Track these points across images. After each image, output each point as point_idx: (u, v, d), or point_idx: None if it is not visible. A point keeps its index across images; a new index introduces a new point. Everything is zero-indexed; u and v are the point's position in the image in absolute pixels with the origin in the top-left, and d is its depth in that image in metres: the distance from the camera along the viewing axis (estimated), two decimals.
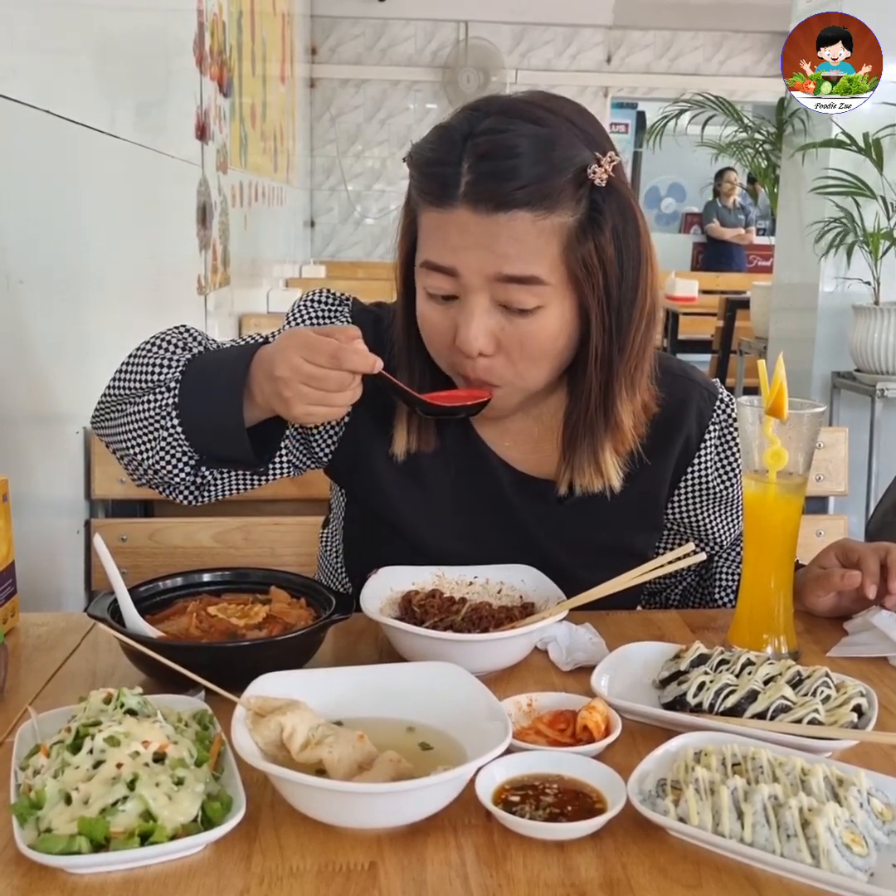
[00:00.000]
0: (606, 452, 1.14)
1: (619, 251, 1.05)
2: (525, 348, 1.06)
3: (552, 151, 1.01)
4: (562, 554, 1.21)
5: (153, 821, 0.73)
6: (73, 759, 0.77)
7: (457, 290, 1.05)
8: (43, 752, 0.80)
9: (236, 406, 1.05)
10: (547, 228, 1.02)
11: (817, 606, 1.18)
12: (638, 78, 8.49)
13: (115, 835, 0.73)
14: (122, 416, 1.12)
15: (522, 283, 1.03)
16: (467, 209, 1.01)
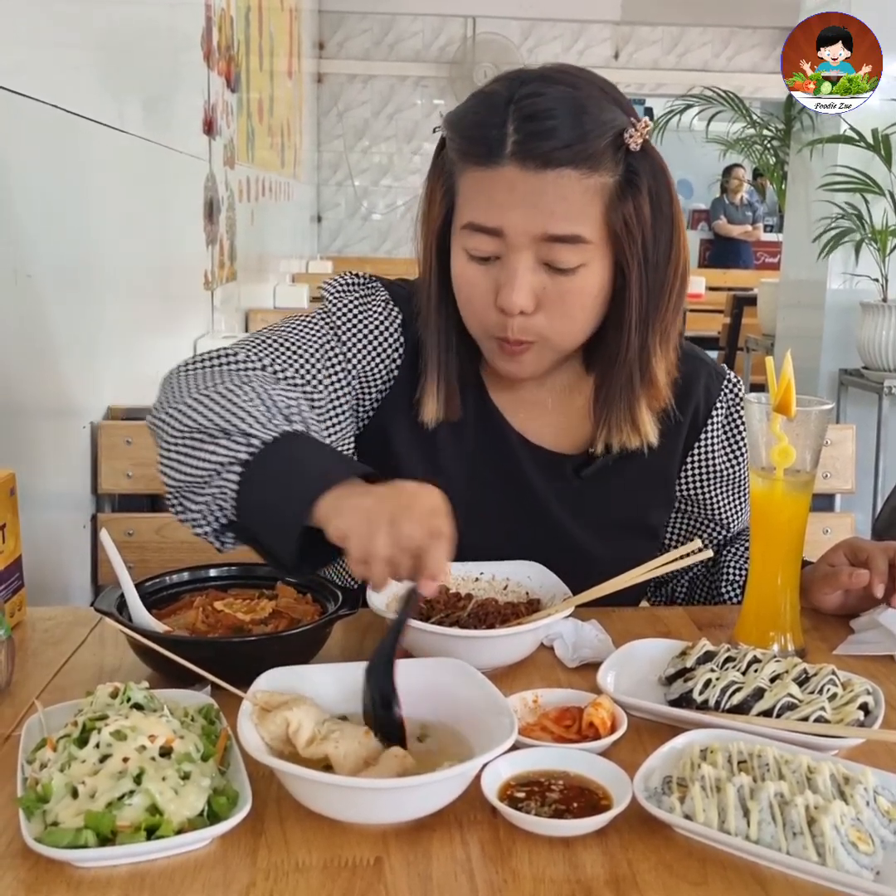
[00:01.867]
0: (643, 409, 1.16)
1: (655, 212, 1.08)
2: (565, 306, 1.08)
3: (592, 113, 1.05)
4: (575, 528, 1.22)
5: (159, 815, 0.74)
6: (79, 753, 0.77)
7: (499, 251, 1.07)
8: (49, 746, 0.80)
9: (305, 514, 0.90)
10: (591, 187, 1.05)
11: (824, 604, 1.18)
12: (646, 74, 8.47)
13: (122, 828, 0.73)
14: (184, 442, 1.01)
15: (567, 241, 1.05)
16: (515, 167, 1.03)
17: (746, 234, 8.92)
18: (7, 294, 1.52)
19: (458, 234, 1.11)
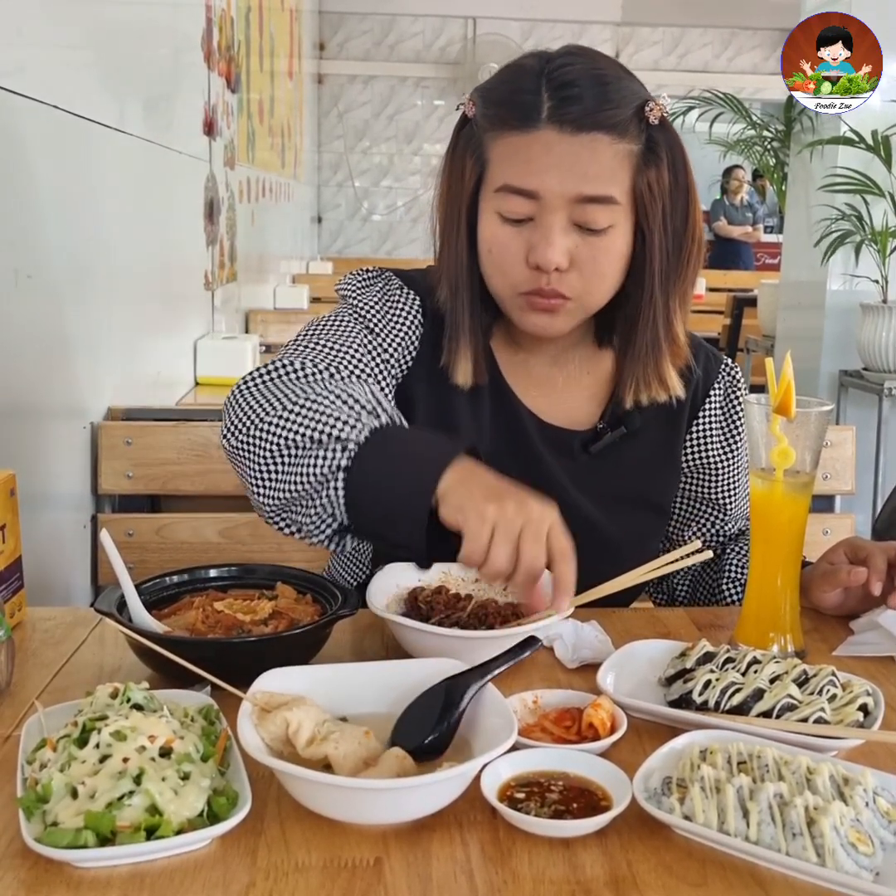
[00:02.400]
0: (668, 364, 1.22)
1: (673, 181, 1.15)
2: (596, 264, 1.14)
3: (617, 84, 1.13)
4: (585, 503, 1.24)
5: (159, 815, 0.74)
6: (79, 754, 0.77)
7: (533, 213, 1.12)
8: (49, 746, 0.80)
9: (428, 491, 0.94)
10: (620, 152, 1.11)
11: (824, 602, 1.18)
12: (646, 75, 8.38)
13: (122, 829, 0.73)
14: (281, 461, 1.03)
15: (599, 202, 1.11)
16: (552, 129, 1.10)
17: (747, 234, 8.92)
18: (7, 295, 1.52)
19: (489, 199, 1.15)
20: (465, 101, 1.18)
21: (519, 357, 1.27)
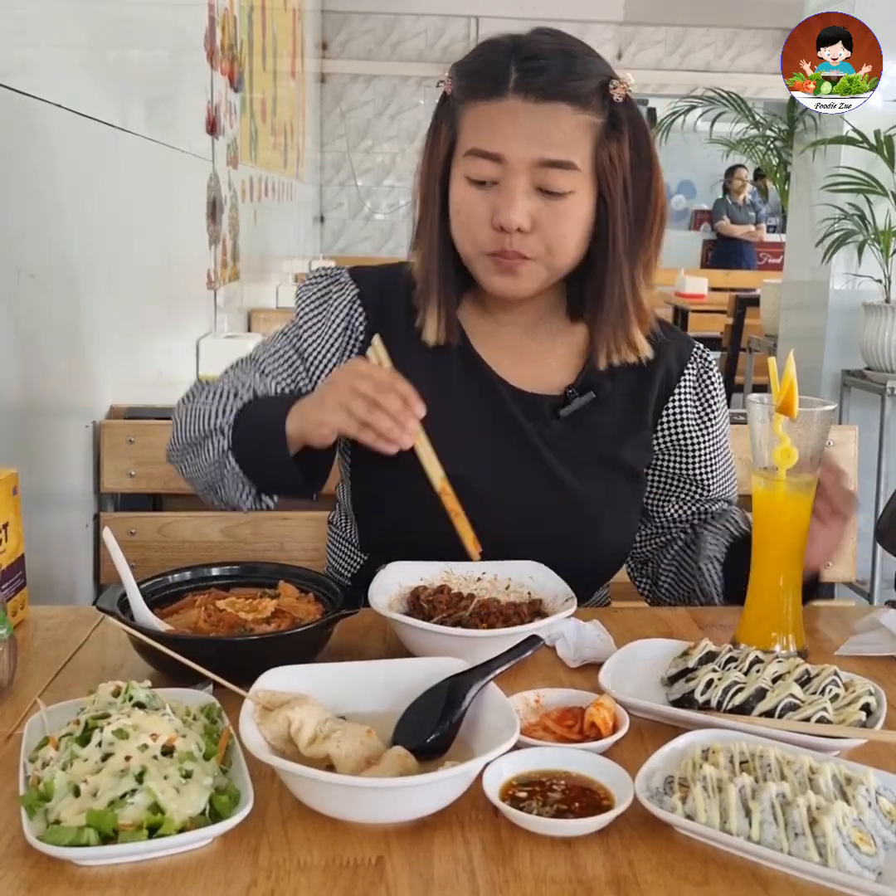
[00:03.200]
0: (636, 328, 1.28)
1: (634, 157, 1.21)
2: (557, 227, 1.19)
3: (582, 60, 1.20)
4: (558, 466, 1.27)
5: (161, 813, 0.74)
6: (81, 752, 0.77)
7: (498, 176, 1.18)
8: (52, 745, 0.80)
9: (282, 444, 1.16)
10: (582, 122, 1.18)
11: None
12: (648, 74, 8.46)
13: (124, 827, 0.73)
14: (191, 461, 1.26)
15: (560, 167, 1.17)
16: (518, 98, 1.16)
17: (749, 234, 8.91)
18: (10, 294, 1.52)
19: (459, 164, 1.21)
20: (444, 78, 1.25)
21: (491, 327, 1.31)
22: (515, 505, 1.25)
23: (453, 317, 1.28)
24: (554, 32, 1.23)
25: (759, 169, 6.72)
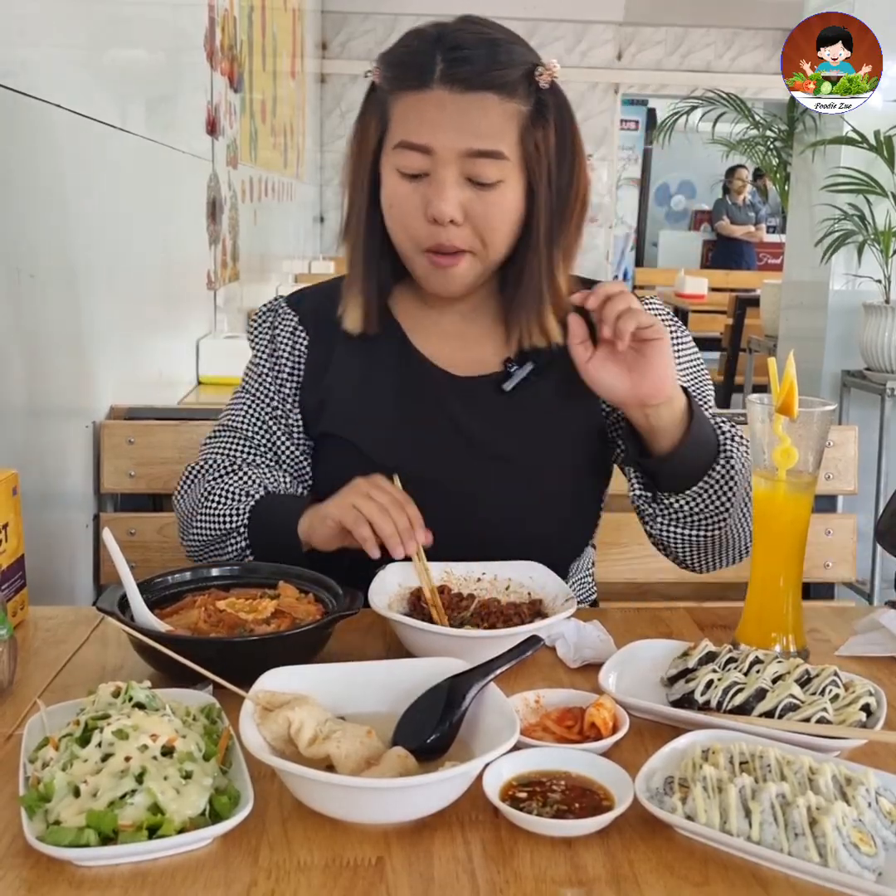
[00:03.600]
0: (549, 314, 1.26)
1: (560, 143, 1.22)
2: (488, 218, 1.19)
3: (507, 49, 1.19)
4: (508, 448, 1.27)
5: (161, 814, 0.74)
6: (81, 752, 0.77)
7: (428, 167, 1.17)
8: (52, 745, 0.80)
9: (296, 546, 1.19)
10: (508, 111, 1.18)
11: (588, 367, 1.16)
12: (648, 75, 8.46)
13: (124, 828, 0.73)
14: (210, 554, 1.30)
15: (489, 156, 1.17)
16: (444, 89, 1.16)
17: (749, 234, 8.92)
18: (10, 294, 1.52)
19: (389, 156, 1.21)
20: (372, 68, 1.24)
21: (431, 319, 1.32)
22: (463, 491, 1.25)
23: (374, 307, 1.28)
24: (480, 21, 1.23)
25: (759, 169, 6.73)
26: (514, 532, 1.25)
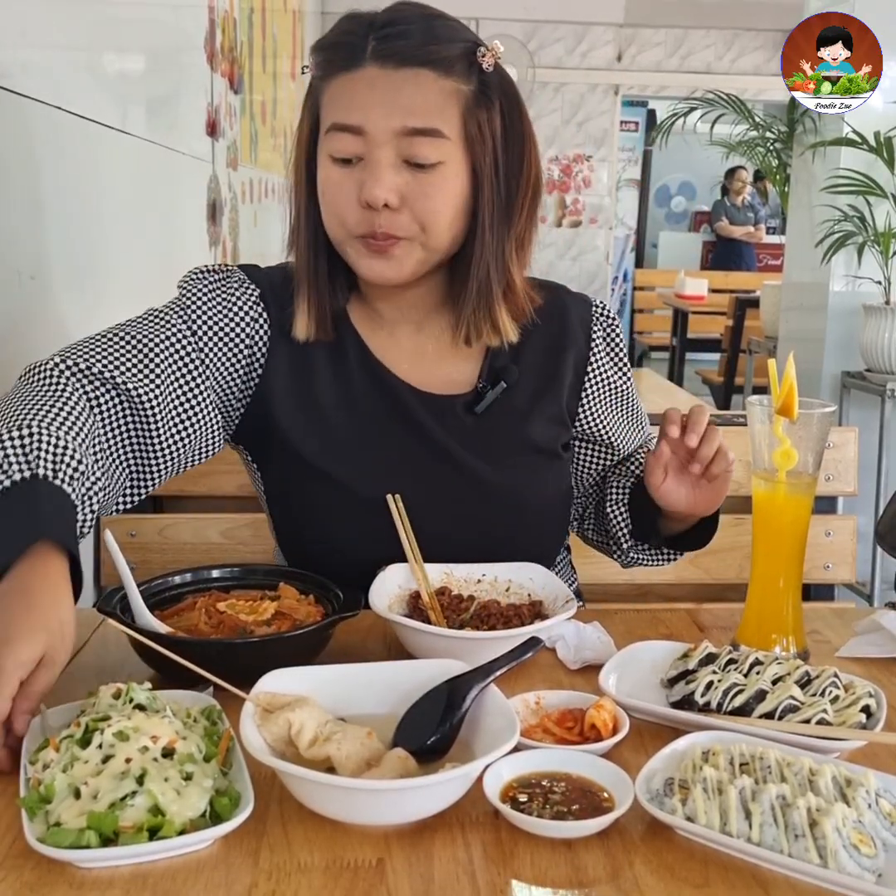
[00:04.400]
0: (503, 311, 1.21)
1: (506, 126, 1.17)
2: (427, 200, 1.13)
3: (444, 25, 1.16)
4: (473, 462, 1.23)
5: (162, 815, 0.74)
6: (82, 754, 0.77)
7: (362, 151, 1.12)
8: (52, 747, 0.80)
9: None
10: (447, 88, 1.13)
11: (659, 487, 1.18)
12: (649, 76, 8.45)
13: (124, 829, 0.73)
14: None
15: (426, 135, 1.11)
16: (375, 66, 1.12)
17: (748, 235, 8.92)
18: (10, 295, 1.52)
19: (323, 142, 1.15)
20: (310, 62, 1.20)
21: (385, 331, 1.26)
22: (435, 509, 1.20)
23: (325, 311, 1.21)
24: (414, 3, 1.18)
25: (759, 170, 6.73)
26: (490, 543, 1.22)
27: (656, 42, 8.45)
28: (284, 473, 1.25)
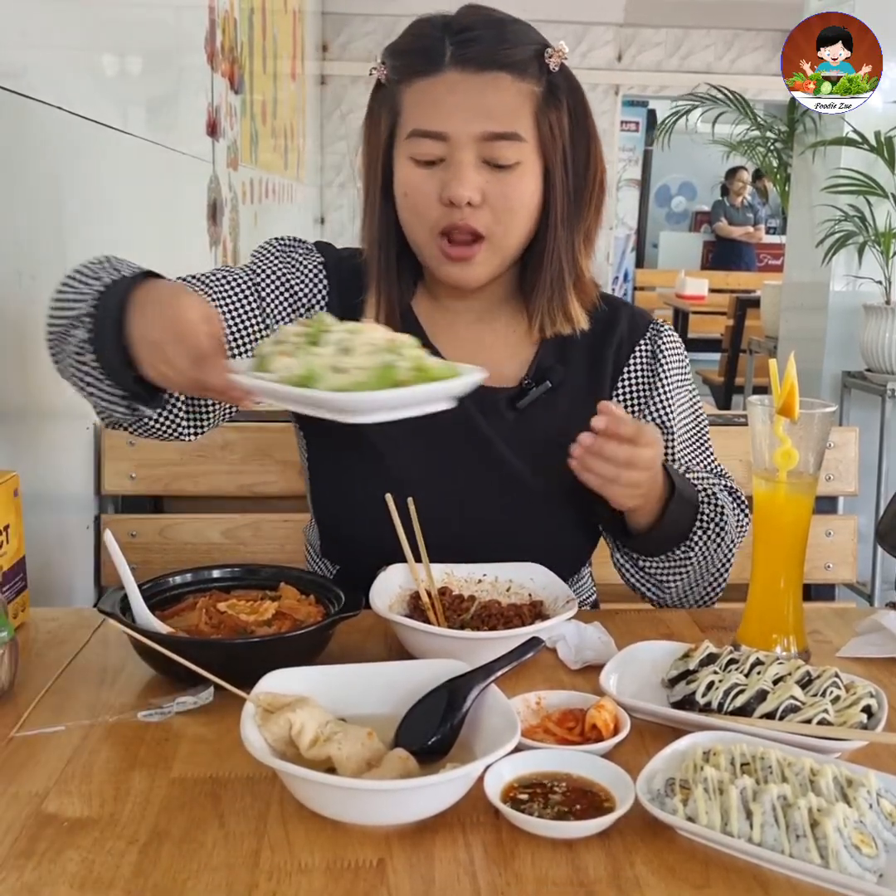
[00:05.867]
0: (573, 299, 1.26)
1: (574, 125, 1.21)
2: (507, 199, 1.17)
3: (515, 29, 1.19)
4: (511, 459, 1.25)
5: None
6: (317, 350, 0.78)
7: (444, 153, 1.16)
8: (280, 356, 0.81)
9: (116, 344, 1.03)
10: (522, 90, 1.16)
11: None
12: (649, 76, 8.45)
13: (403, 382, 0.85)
14: (61, 356, 1.13)
15: (505, 139, 1.15)
16: (455, 70, 1.15)
17: (748, 235, 8.92)
18: (11, 296, 1.52)
19: (402, 146, 1.19)
20: (377, 65, 1.24)
21: (446, 319, 1.29)
22: (470, 502, 1.24)
23: (394, 306, 1.25)
24: (484, 7, 1.21)
25: (759, 170, 6.72)
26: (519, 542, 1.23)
27: (656, 42, 8.46)
28: (326, 444, 1.29)
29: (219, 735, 0.91)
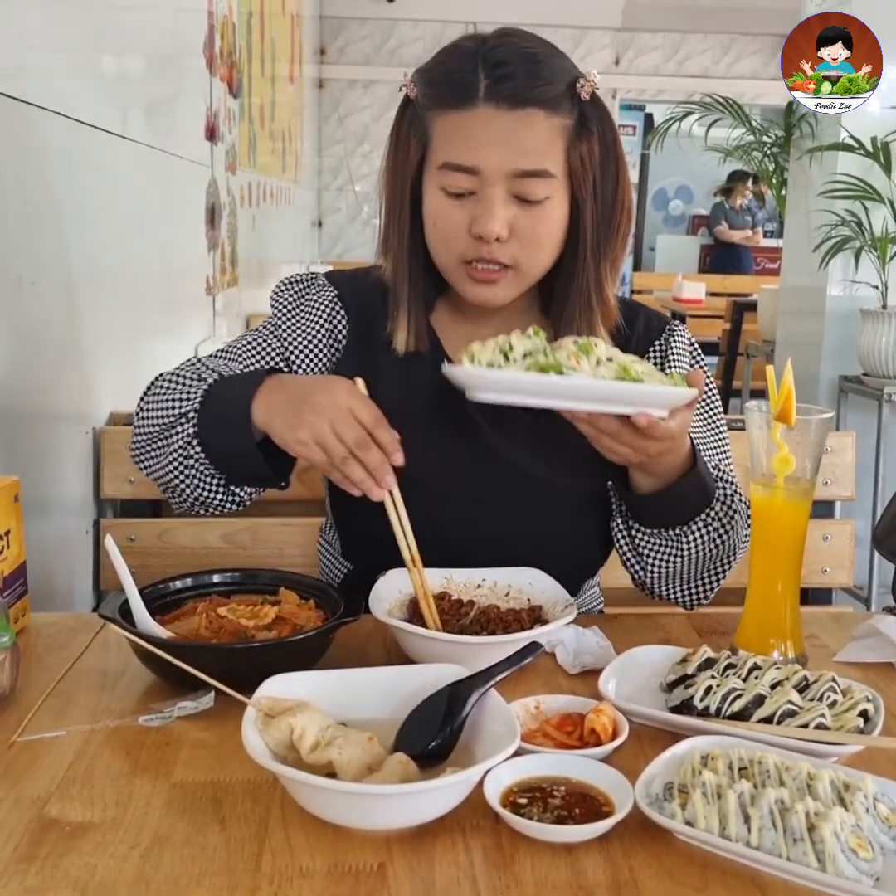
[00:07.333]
0: (599, 325, 1.27)
1: (603, 153, 1.21)
2: (535, 233, 1.18)
3: (549, 62, 1.18)
4: (532, 464, 1.26)
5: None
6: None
7: (475, 187, 1.17)
8: None
9: (247, 428, 1.11)
10: (555, 126, 1.16)
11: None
12: (646, 80, 8.46)
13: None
14: (155, 453, 1.20)
15: (536, 176, 1.16)
16: (489, 106, 1.14)
17: (747, 238, 8.93)
18: (11, 301, 1.52)
19: (432, 176, 1.19)
20: (407, 82, 1.23)
21: (465, 329, 1.29)
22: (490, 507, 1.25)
23: (423, 324, 1.27)
24: (516, 33, 1.21)
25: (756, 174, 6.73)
26: (532, 548, 1.24)
27: (654, 46, 8.47)
28: None
29: (220, 739, 0.91)
